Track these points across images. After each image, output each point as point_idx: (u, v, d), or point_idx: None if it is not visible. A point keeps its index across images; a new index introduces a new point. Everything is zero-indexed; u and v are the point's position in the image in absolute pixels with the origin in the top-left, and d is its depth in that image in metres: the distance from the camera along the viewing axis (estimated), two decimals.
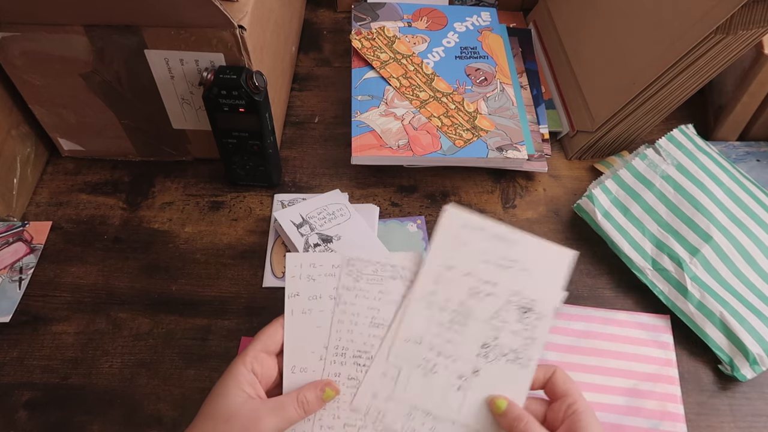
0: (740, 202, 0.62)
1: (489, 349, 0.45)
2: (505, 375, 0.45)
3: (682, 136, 0.66)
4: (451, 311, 0.46)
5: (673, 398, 0.55)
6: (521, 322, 0.46)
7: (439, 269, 0.47)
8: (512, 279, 0.46)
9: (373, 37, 0.77)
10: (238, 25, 0.56)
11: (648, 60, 0.63)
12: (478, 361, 0.45)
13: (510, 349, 0.45)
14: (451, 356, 0.45)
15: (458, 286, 0.47)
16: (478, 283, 0.46)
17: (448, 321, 0.46)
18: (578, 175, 0.72)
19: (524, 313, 0.46)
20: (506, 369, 0.45)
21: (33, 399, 0.56)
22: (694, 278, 0.59)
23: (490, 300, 0.46)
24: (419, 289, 0.47)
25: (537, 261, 0.47)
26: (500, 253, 0.47)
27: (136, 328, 0.60)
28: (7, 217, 0.67)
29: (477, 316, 0.46)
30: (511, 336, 0.45)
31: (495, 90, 0.72)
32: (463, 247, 0.47)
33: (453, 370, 0.45)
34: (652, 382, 0.56)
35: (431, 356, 0.46)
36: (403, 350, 0.46)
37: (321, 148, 0.74)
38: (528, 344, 0.45)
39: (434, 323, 0.46)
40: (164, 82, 0.62)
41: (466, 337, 0.46)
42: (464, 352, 0.45)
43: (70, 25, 0.58)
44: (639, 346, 0.58)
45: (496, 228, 0.47)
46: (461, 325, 0.46)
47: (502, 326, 0.46)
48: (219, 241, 0.66)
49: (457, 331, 0.46)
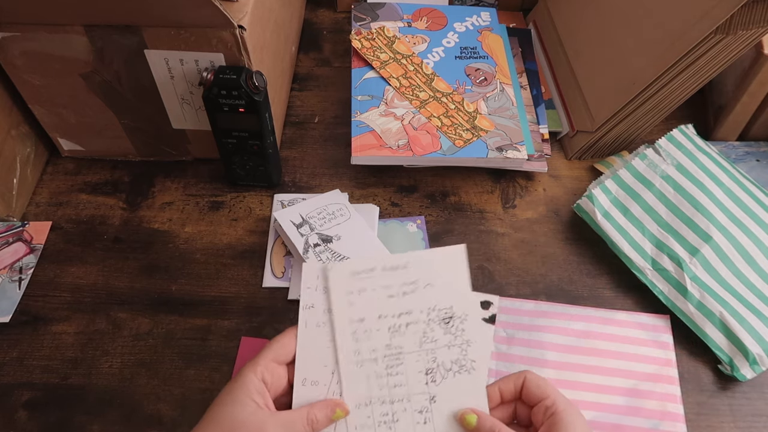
0: (740, 202, 0.62)
1: (434, 373, 0.45)
2: (460, 387, 0.45)
3: (682, 136, 0.66)
4: (382, 358, 0.46)
5: (673, 398, 0.55)
6: (449, 333, 0.46)
7: (353, 326, 0.46)
8: (421, 299, 0.46)
9: (373, 37, 0.77)
10: (238, 25, 0.56)
11: (648, 60, 0.63)
12: (429, 388, 0.45)
13: (452, 362, 0.45)
14: (404, 398, 0.45)
15: (378, 332, 0.46)
16: (394, 319, 0.46)
17: (384, 369, 0.46)
18: (578, 175, 0.72)
19: (447, 323, 0.46)
20: (458, 381, 0.45)
21: (33, 399, 0.56)
22: (693, 278, 0.59)
23: (412, 328, 0.46)
24: (343, 355, 0.46)
25: (434, 271, 0.47)
26: (399, 281, 0.46)
27: (136, 328, 0.60)
28: (7, 217, 0.67)
29: (408, 349, 0.46)
30: (447, 351, 0.45)
31: (495, 90, 0.72)
32: (362, 294, 0.47)
33: (412, 408, 0.45)
34: (652, 382, 0.56)
35: (386, 409, 0.45)
36: (358, 418, 0.45)
37: (321, 148, 0.74)
38: (465, 349, 0.45)
39: (373, 378, 0.46)
40: (164, 82, 0.62)
41: (408, 374, 0.45)
42: (414, 387, 0.45)
43: (70, 25, 0.58)
44: (639, 346, 0.58)
45: (383, 261, 0.47)
46: (398, 365, 0.46)
47: (434, 346, 0.45)
48: (219, 241, 0.66)
49: (397, 374, 0.45)
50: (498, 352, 0.58)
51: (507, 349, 0.58)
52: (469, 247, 0.65)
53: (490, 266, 0.64)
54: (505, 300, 0.61)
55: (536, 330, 0.59)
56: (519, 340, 0.58)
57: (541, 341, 0.58)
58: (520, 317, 0.60)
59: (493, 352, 0.58)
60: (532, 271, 0.64)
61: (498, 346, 0.58)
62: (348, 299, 0.47)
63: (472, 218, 0.68)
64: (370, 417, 0.45)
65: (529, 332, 0.59)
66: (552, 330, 0.59)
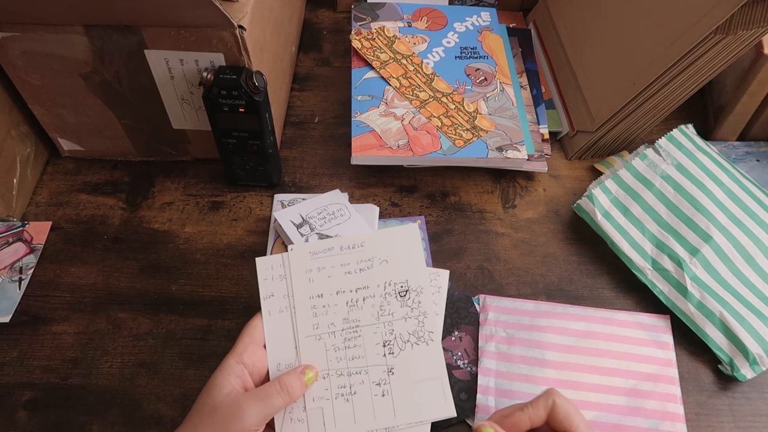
0: (740, 202, 0.62)
1: (391, 345, 0.46)
2: (417, 359, 0.45)
3: (682, 136, 0.66)
4: (341, 332, 0.47)
5: (673, 398, 0.55)
6: (406, 306, 0.47)
7: (312, 302, 0.48)
8: (378, 274, 0.47)
9: (373, 37, 0.77)
10: (238, 25, 0.56)
11: (648, 60, 0.63)
12: (387, 360, 0.46)
13: (409, 334, 0.46)
14: (361, 370, 0.46)
15: (336, 307, 0.47)
16: (351, 294, 0.47)
17: (342, 342, 0.47)
18: (578, 175, 0.72)
19: (403, 296, 0.47)
20: (415, 353, 0.46)
21: (33, 399, 0.56)
22: (694, 278, 0.59)
23: (369, 302, 0.47)
24: (302, 329, 0.47)
25: (389, 248, 0.48)
26: (356, 258, 0.48)
27: (136, 328, 0.60)
28: (7, 217, 0.67)
29: (366, 322, 0.47)
30: (403, 323, 0.46)
31: (495, 90, 0.72)
32: (321, 271, 0.48)
33: (370, 381, 0.46)
34: (652, 382, 0.56)
35: (344, 381, 0.46)
36: (315, 390, 0.46)
37: (321, 148, 0.74)
38: (422, 321, 0.46)
39: (331, 351, 0.46)
40: (164, 82, 0.62)
41: (366, 346, 0.46)
42: (371, 359, 0.46)
43: (70, 25, 0.58)
44: (639, 346, 0.58)
45: (341, 241, 0.49)
46: (356, 338, 0.46)
47: (391, 319, 0.46)
48: (219, 241, 0.66)
49: (355, 346, 0.46)
50: (498, 352, 0.58)
51: (507, 349, 0.58)
52: (469, 247, 0.66)
53: (490, 266, 0.64)
54: (505, 300, 0.61)
55: (537, 330, 0.59)
56: (519, 340, 0.58)
57: (542, 341, 0.58)
58: (521, 317, 0.60)
59: (493, 352, 0.58)
60: (532, 271, 0.64)
61: (498, 346, 0.58)
62: (308, 277, 0.48)
63: (472, 218, 0.68)
64: (327, 389, 0.46)
65: (530, 332, 0.59)
66: (552, 330, 0.59)
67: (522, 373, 0.56)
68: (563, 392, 0.49)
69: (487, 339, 0.58)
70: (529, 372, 0.56)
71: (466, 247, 0.66)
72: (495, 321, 0.59)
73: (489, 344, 0.58)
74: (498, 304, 0.61)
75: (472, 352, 0.58)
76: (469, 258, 0.65)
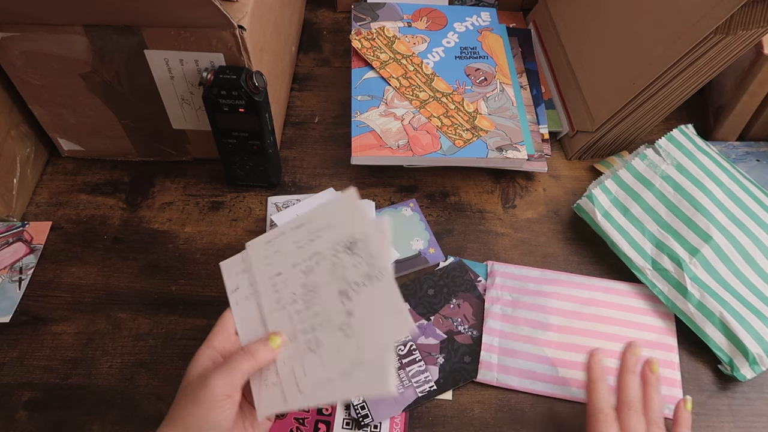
0: (740, 202, 0.62)
1: (347, 291, 0.47)
2: (373, 296, 0.46)
3: (681, 136, 0.66)
4: (301, 297, 0.49)
5: (671, 365, 0.57)
6: (355, 255, 0.48)
7: (272, 281, 0.50)
8: (326, 239, 0.49)
9: (373, 37, 0.77)
10: (238, 25, 0.56)
11: (648, 60, 0.63)
12: (346, 306, 0.47)
13: (361, 277, 0.47)
14: (324, 322, 0.47)
15: (294, 278, 0.49)
16: (306, 262, 0.49)
17: (304, 305, 0.48)
18: (578, 175, 0.72)
19: (350, 249, 0.48)
20: (371, 291, 0.47)
21: (33, 399, 0.56)
22: (693, 278, 0.59)
23: (322, 265, 0.49)
24: (267, 307, 0.49)
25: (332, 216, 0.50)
26: (305, 233, 0.50)
27: (136, 328, 0.60)
28: (7, 217, 0.67)
29: (321, 281, 0.48)
30: (355, 269, 0.47)
31: (495, 90, 0.72)
32: (277, 254, 0.51)
33: (332, 328, 0.47)
34: (651, 348, 0.58)
35: (310, 336, 0.47)
36: (285, 352, 0.48)
37: (321, 148, 0.74)
38: (372, 262, 0.47)
39: (295, 316, 0.48)
40: (164, 82, 0.62)
41: (324, 301, 0.48)
42: (331, 310, 0.47)
43: (70, 25, 0.58)
44: (640, 315, 0.60)
45: (290, 224, 0.51)
46: (315, 296, 0.48)
47: (344, 271, 0.48)
48: (219, 241, 0.66)
49: (316, 304, 0.48)
50: (503, 314, 0.60)
51: (512, 312, 0.60)
52: (469, 247, 0.66)
53: None
54: (512, 267, 0.64)
55: (541, 296, 0.61)
56: (524, 303, 0.60)
57: (546, 306, 0.60)
58: (526, 283, 0.62)
59: (498, 314, 0.60)
60: None
61: (503, 309, 0.60)
62: (266, 262, 0.51)
63: (472, 218, 0.68)
64: (296, 348, 0.47)
65: (534, 297, 0.61)
66: (556, 296, 0.61)
67: (525, 334, 0.59)
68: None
69: (493, 301, 0.60)
70: (532, 334, 0.59)
71: (466, 247, 0.66)
72: (501, 285, 0.62)
73: (495, 306, 0.60)
74: (505, 270, 0.63)
75: (471, 317, 0.60)
76: (470, 258, 0.65)
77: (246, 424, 0.47)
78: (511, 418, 0.54)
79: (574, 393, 0.56)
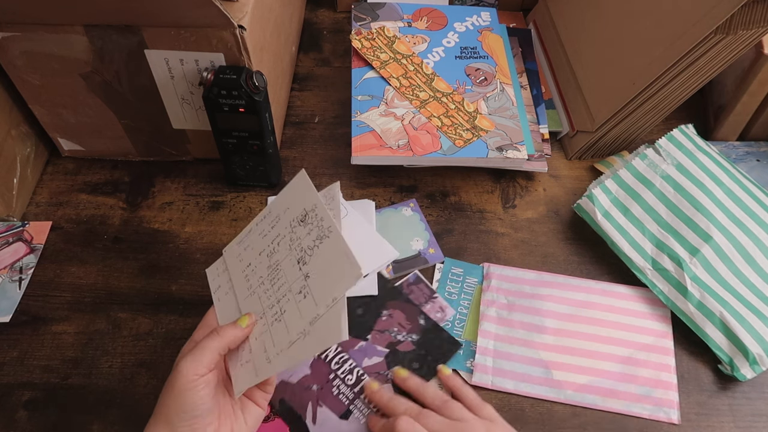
0: (740, 202, 0.62)
1: (303, 258, 0.49)
2: (326, 255, 0.48)
3: (682, 136, 0.66)
4: (267, 278, 0.51)
5: (667, 368, 0.57)
6: (308, 225, 0.50)
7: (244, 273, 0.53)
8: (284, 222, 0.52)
9: (373, 37, 0.77)
10: (238, 25, 0.56)
11: (648, 60, 0.63)
12: (303, 271, 0.49)
13: (314, 240, 0.49)
14: (286, 292, 0.49)
15: (260, 264, 0.52)
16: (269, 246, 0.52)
17: (270, 283, 0.50)
18: (578, 175, 0.72)
19: (303, 221, 0.50)
20: (322, 251, 0.48)
21: (33, 399, 0.56)
22: (694, 278, 0.59)
23: (282, 243, 0.51)
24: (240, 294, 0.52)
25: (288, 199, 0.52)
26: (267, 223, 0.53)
27: (136, 328, 0.60)
28: (7, 217, 0.67)
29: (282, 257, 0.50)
30: (308, 236, 0.49)
31: (495, 90, 0.72)
32: (247, 249, 0.54)
33: (293, 294, 0.48)
34: (647, 352, 0.58)
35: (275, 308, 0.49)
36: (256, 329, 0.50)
37: (321, 148, 0.74)
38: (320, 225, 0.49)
39: (263, 296, 0.50)
40: (164, 82, 0.62)
41: (286, 274, 0.50)
42: (292, 278, 0.49)
43: (70, 25, 0.58)
44: (637, 318, 0.60)
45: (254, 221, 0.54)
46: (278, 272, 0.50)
47: (299, 242, 0.50)
48: (219, 241, 0.66)
49: (278, 278, 0.50)
50: (498, 317, 0.60)
51: (507, 315, 0.60)
52: (469, 247, 0.66)
53: None
54: (508, 269, 0.63)
55: (537, 298, 0.61)
56: (520, 306, 0.60)
57: (541, 309, 0.60)
58: (522, 286, 0.62)
59: (494, 317, 0.60)
60: None
61: (499, 312, 0.60)
62: (238, 259, 0.54)
63: (472, 218, 0.68)
64: (265, 324, 0.49)
65: (530, 300, 0.61)
66: (552, 299, 0.61)
67: (520, 337, 0.58)
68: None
69: (488, 304, 0.60)
70: (527, 337, 0.59)
71: (466, 247, 0.66)
72: (497, 288, 0.61)
73: (490, 309, 0.60)
74: (501, 273, 0.63)
75: (406, 323, 0.60)
76: (470, 258, 0.65)
77: (235, 409, 0.48)
78: (511, 417, 0.54)
79: (569, 396, 0.55)
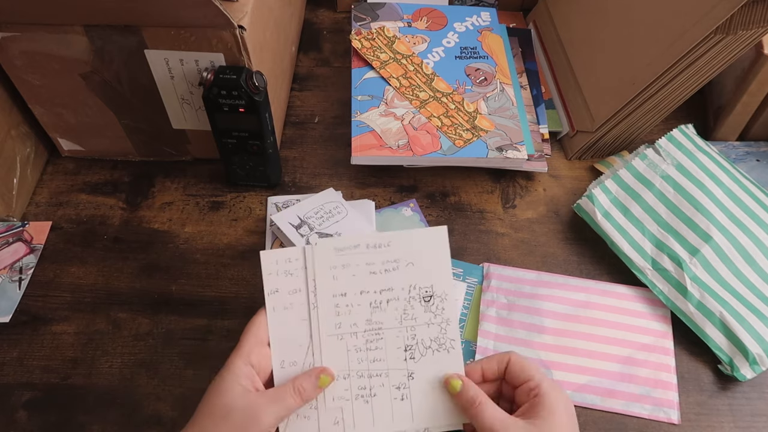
0: (740, 202, 0.62)
1: (413, 350, 0.46)
2: (438, 365, 0.46)
3: (682, 136, 0.66)
4: (363, 333, 0.47)
5: (667, 368, 0.57)
6: (429, 311, 0.46)
7: (335, 300, 0.47)
8: (403, 277, 0.47)
9: (373, 37, 0.77)
10: (238, 25, 0.56)
11: (648, 60, 0.63)
12: (408, 365, 0.46)
13: (431, 340, 0.46)
14: (382, 373, 0.46)
15: (359, 308, 0.47)
16: (375, 295, 0.47)
17: (364, 343, 0.46)
18: (578, 175, 0.72)
19: (427, 302, 0.47)
20: (436, 360, 0.46)
21: (33, 399, 0.56)
22: (693, 278, 0.59)
23: (393, 305, 0.47)
24: (325, 327, 0.47)
25: (416, 251, 0.47)
26: (381, 258, 0.47)
27: (136, 328, 0.60)
28: (7, 217, 0.67)
29: (388, 325, 0.46)
30: (426, 328, 0.46)
31: (495, 90, 0.72)
32: (346, 269, 0.47)
33: (390, 384, 0.46)
34: (647, 352, 0.58)
35: (364, 382, 0.46)
36: (336, 389, 0.46)
37: (321, 148, 0.74)
38: (444, 328, 0.46)
39: (353, 351, 0.46)
40: (164, 82, 0.62)
41: (387, 349, 0.46)
42: (392, 363, 0.46)
43: (70, 25, 0.58)
44: (636, 318, 0.60)
45: (367, 239, 0.48)
46: (378, 340, 0.46)
47: (414, 324, 0.46)
48: (219, 241, 0.66)
49: (377, 348, 0.46)
50: (498, 317, 0.59)
51: (507, 315, 0.60)
52: (469, 247, 0.66)
53: None
54: (508, 269, 0.63)
55: (537, 298, 0.61)
56: (519, 306, 0.60)
57: (541, 309, 0.60)
58: (522, 286, 0.62)
59: (494, 317, 0.60)
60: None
61: (499, 312, 0.60)
62: (332, 273, 0.47)
63: (472, 218, 0.68)
64: (347, 390, 0.46)
65: (530, 300, 0.61)
66: (552, 299, 0.61)
67: (520, 337, 0.58)
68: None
69: (488, 304, 0.60)
70: (527, 337, 0.58)
71: (466, 247, 0.66)
72: (497, 288, 0.61)
73: (490, 309, 0.60)
74: (501, 273, 0.63)
75: None
76: (469, 258, 0.65)
77: None
78: None
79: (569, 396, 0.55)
